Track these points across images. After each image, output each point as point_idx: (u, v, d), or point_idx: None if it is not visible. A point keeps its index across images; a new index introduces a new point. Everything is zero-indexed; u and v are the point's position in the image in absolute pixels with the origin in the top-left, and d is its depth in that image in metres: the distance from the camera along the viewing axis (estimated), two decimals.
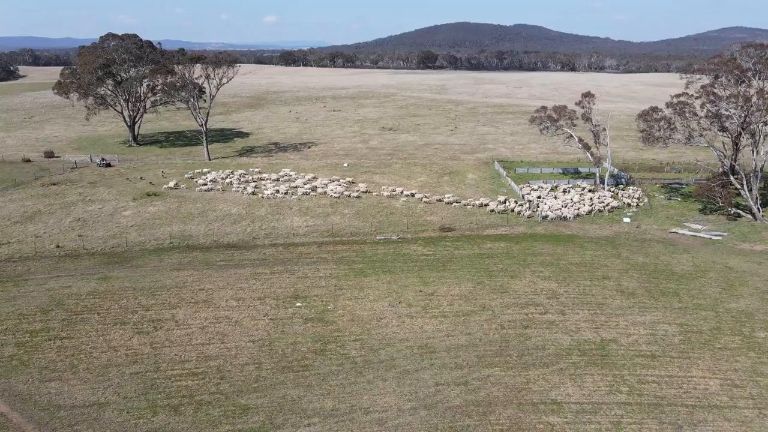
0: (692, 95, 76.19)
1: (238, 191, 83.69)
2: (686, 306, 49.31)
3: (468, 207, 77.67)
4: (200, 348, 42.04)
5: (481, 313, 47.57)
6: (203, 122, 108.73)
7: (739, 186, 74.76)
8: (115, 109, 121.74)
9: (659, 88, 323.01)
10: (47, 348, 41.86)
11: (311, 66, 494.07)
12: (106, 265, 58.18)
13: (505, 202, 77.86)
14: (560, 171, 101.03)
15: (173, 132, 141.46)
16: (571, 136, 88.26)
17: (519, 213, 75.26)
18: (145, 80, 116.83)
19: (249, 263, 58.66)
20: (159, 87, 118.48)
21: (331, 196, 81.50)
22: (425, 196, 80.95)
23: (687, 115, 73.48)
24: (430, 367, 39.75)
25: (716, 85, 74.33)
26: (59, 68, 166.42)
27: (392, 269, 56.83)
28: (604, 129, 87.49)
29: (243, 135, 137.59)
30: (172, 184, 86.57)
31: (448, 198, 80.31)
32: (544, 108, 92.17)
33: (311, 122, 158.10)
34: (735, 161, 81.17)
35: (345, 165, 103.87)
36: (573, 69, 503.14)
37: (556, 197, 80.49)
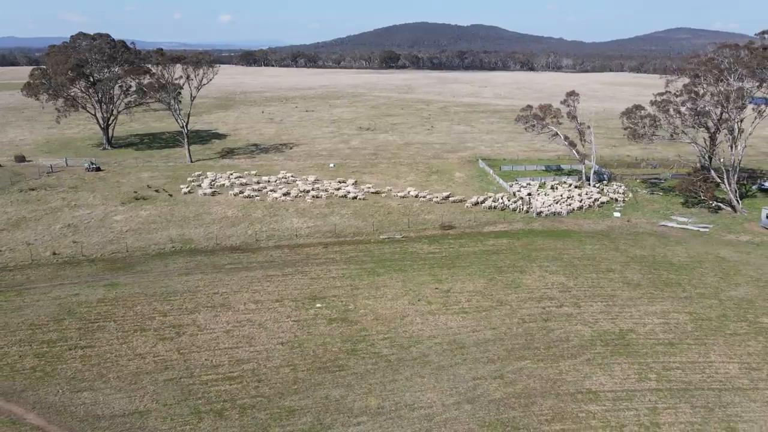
0: (674, 93, 79.37)
1: (237, 195, 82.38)
2: (691, 295, 51.59)
3: (466, 205, 78.80)
4: (229, 352, 41.57)
5: (500, 308, 48.59)
6: (184, 124, 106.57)
7: (719, 180, 78.31)
8: (88, 111, 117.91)
9: (617, 86, 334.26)
10: (69, 358, 40.61)
11: (273, 66, 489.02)
12: (109, 272, 56.65)
13: (499, 200, 79.30)
14: (543, 168, 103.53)
15: (147, 134, 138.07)
16: (557, 134, 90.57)
17: (515, 210, 76.88)
18: (121, 81, 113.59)
19: (258, 266, 58.13)
20: (135, 88, 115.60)
21: (352, 197, 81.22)
22: (435, 196, 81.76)
23: (671, 112, 76.55)
24: (464, 362, 40.46)
25: (697, 84, 77.62)
26: (3, 69, 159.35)
27: (403, 268, 57.33)
28: (589, 127, 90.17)
29: (220, 136, 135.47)
30: (185, 188, 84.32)
31: (452, 197, 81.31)
32: (529, 107, 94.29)
33: (287, 123, 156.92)
34: (711, 157, 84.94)
35: (331, 166, 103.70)
36: (532, 68, 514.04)
37: (546, 194, 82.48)
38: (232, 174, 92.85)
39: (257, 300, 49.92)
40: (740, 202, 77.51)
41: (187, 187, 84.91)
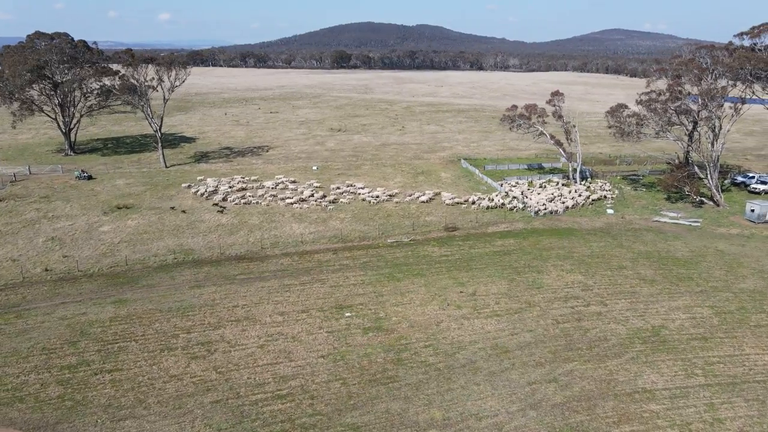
0: (657, 93, 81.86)
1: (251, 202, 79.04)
2: (705, 289, 53.12)
3: (463, 206, 78.69)
4: (270, 368, 39.62)
5: (531, 310, 48.52)
6: (158, 127, 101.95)
7: (702, 176, 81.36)
8: (48, 115, 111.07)
9: (566, 85, 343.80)
10: (98, 383, 37.66)
11: (221, 66, 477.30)
12: (112, 287, 53.16)
13: (494, 200, 79.63)
14: (525, 167, 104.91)
15: (109, 138, 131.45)
16: (543, 133, 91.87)
17: (512, 209, 77.35)
18: (85, 82, 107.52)
19: (271, 275, 55.96)
20: (99, 90, 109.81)
21: (370, 202, 79.66)
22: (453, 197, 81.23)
23: (659, 110, 78.91)
24: (513, 367, 40.05)
25: (679, 84, 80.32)
26: None
27: (421, 272, 56.51)
28: (574, 126, 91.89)
29: (188, 140, 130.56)
30: (201, 192, 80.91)
31: (451, 198, 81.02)
32: (514, 107, 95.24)
33: (254, 125, 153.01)
34: (690, 153, 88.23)
35: (314, 168, 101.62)
36: (481, 68, 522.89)
37: (538, 193, 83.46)
38: (234, 179, 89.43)
39: (282, 311, 47.95)
40: (722, 196, 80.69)
41: (199, 193, 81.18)
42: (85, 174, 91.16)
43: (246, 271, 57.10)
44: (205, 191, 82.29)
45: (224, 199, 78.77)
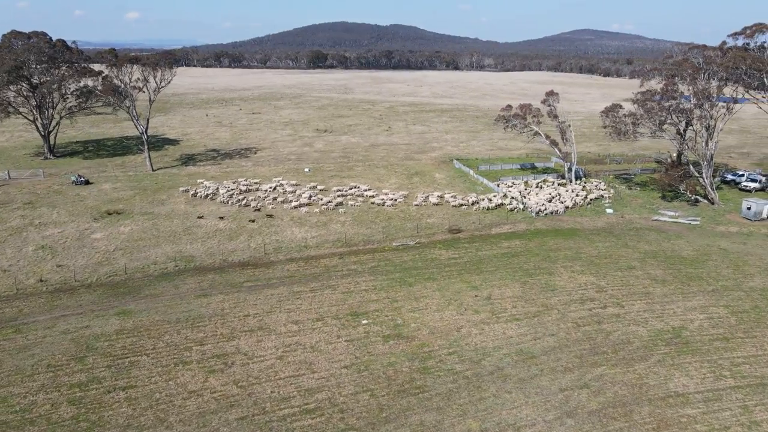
0: (651, 93, 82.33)
1: (236, 205, 76.95)
2: (716, 288, 53.24)
3: (464, 207, 77.95)
4: (294, 381, 38.09)
5: (549, 313, 47.89)
6: (144, 130, 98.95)
7: (697, 174, 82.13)
8: (27, 117, 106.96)
9: (543, 85, 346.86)
10: (113, 402, 35.64)
11: (195, 66, 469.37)
12: (113, 298, 50.86)
13: (494, 201, 79.08)
14: (518, 167, 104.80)
15: (89, 141, 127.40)
16: (538, 133, 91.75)
17: (512, 210, 76.89)
18: (66, 83, 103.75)
19: (279, 282, 54.28)
20: (79, 91, 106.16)
21: (385, 204, 78.39)
22: (454, 197, 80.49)
23: (656, 109, 79.30)
24: (542, 373, 39.27)
25: (673, 83, 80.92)
26: None
27: (432, 276, 55.48)
28: (569, 126, 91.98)
29: (172, 142, 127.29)
30: (206, 195, 78.75)
31: (455, 200, 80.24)
32: (509, 107, 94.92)
33: (238, 126, 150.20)
34: (682, 152, 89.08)
35: (306, 170, 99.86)
36: (456, 68, 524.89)
37: (537, 193, 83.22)
38: (236, 182, 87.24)
39: (296, 320, 46.39)
40: (716, 194, 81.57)
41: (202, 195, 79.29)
42: (83, 178, 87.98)
43: (252, 278, 55.28)
44: (206, 193, 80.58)
45: (258, 209, 75.89)
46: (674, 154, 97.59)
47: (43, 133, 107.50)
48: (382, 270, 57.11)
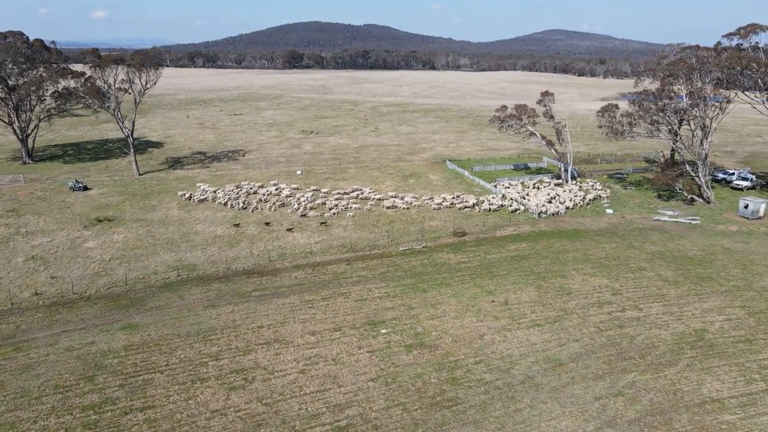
0: (650, 92, 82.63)
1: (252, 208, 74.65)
2: (729, 289, 53.24)
3: (467, 209, 77.06)
4: (320, 396, 36.48)
5: (569, 318, 47.16)
6: (130, 133, 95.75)
7: (693, 174, 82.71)
8: (3, 120, 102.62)
9: (521, 84, 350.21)
10: (131, 424, 33.56)
11: (168, 66, 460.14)
12: (116, 311, 48.42)
13: (495, 202, 78.36)
14: (512, 167, 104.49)
15: (68, 144, 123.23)
16: (533, 133, 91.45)
17: (514, 211, 76.28)
18: (46, 84, 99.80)
19: (288, 290, 52.46)
20: (59, 92, 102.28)
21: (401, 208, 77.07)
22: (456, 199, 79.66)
23: (653, 110, 79.52)
24: (573, 381, 38.42)
25: (669, 84, 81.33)
26: None
27: (444, 281, 54.33)
28: (564, 126, 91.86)
29: (155, 145, 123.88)
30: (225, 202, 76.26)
31: (454, 202, 79.20)
32: (504, 107, 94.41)
33: (222, 128, 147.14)
34: (677, 152, 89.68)
35: (298, 173, 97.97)
36: (433, 67, 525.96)
37: (536, 195, 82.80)
38: (239, 185, 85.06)
39: (313, 331, 44.74)
40: (712, 193, 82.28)
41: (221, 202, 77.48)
42: (81, 184, 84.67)
43: (260, 286, 53.33)
44: (201, 198, 78.23)
45: (304, 215, 73.62)
46: (667, 154, 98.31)
47: (20, 137, 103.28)
48: (393, 276, 55.74)
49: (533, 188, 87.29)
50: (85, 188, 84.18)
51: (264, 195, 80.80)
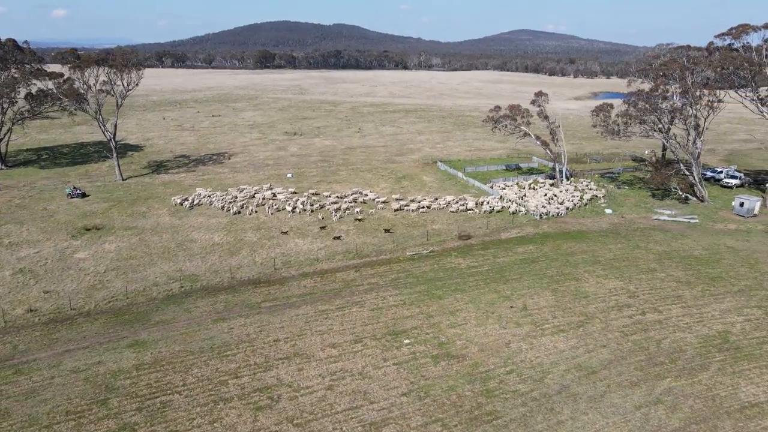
0: (644, 92, 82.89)
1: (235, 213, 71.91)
2: (741, 289, 53.30)
3: (470, 212, 75.98)
4: (353, 414, 34.74)
5: (592, 323, 46.38)
6: (112, 136, 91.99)
7: (687, 172, 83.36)
8: None
9: (496, 84, 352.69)
10: None
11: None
12: (120, 327, 45.67)
13: (494, 204, 77.51)
14: (503, 167, 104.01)
15: (41, 149, 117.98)
16: (528, 134, 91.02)
17: (514, 213, 75.55)
18: (20, 86, 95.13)
19: (299, 300, 50.41)
20: (33, 94, 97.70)
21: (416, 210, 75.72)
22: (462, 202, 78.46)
23: (648, 109, 79.80)
24: (609, 390, 37.52)
25: (662, 84, 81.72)
26: None
27: (459, 287, 53.04)
28: (559, 126, 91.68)
29: (135, 148, 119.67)
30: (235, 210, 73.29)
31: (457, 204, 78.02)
32: (497, 108, 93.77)
33: (202, 130, 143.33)
34: (668, 151, 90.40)
35: (288, 176, 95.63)
36: (405, 67, 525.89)
37: (533, 195, 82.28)
38: (240, 189, 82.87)
39: (333, 343, 42.90)
40: (706, 192, 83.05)
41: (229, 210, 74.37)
42: (79, 191, 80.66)
43: (269, 297, 51.14)
44: (193, 203, 75.18)
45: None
46: (658, 153, 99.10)
47: None
48: (405, 282, 54.19)
49: (529, 189, 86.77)
50: (83, 195, 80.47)
51: (261, 200, 78.26)
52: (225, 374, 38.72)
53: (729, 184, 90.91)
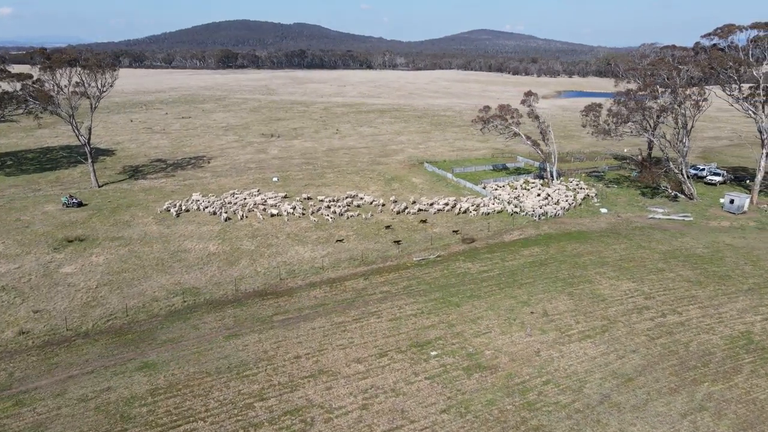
0: (633, 91, 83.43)
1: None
2: (751, 287, 53.58)
3: (471, 214, 74.74)
4: None
5: (616, 327, 45.63)
6: (87, 140, 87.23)
7: (676, 171, 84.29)
8: None
9: (463, 83, 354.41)
10: None
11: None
12: (124, 348, 42.47)
13: (490, 205, 76.58)
14: (490, 168, 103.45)
15: (3, 154, 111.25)
16: (517, 134, 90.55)
17: (512, 214, 74.78)
18: None
19: (312, 312, 48.08)
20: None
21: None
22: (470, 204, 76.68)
23: (638, 108, 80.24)
24: (651, 398, 36.65)
25: (650, 83, 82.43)
26: None
27: (474, 293, 51.65)
28: (548, 126, 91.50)
29: (106, 153, 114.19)
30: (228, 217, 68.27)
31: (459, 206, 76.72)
32: (487, 108, 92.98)
33: (174, 133, 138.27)
34: (663, 149, 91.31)
35: (274, 179, 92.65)
36: (370, 67, 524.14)
37: (527, 196, 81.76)
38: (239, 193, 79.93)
39: (357, 358, 40.84)
40: (695, 190, 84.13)
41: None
42: (75, 200, 75.58)
43: (280, 309, 48.61)
44: (178, 211, 71.51)
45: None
46: (644, 151, 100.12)
47: None
48: (418, 290, 52.46)
49: (521, 189, 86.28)
50: (80, 204, 75.74)
51: (252, 205, 75.23)
52: (249, 396, 36.20)
53: (713, 182, 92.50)
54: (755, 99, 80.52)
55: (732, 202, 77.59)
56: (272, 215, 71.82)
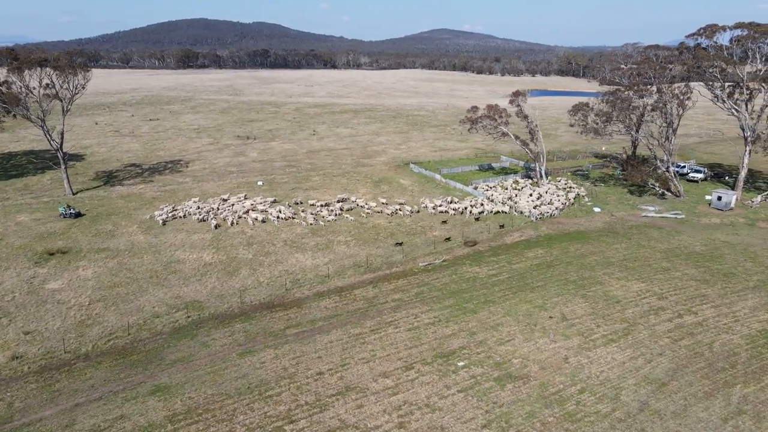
0: (621, 91, 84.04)
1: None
2: (756, 284, 54.14)
3: (466, 216, 73.65)
4: None
5: (637, 330, 45.18)
6: (59, 146, 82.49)
7: (663, 169, 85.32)
8: None
9: (430, 83, 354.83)
10: None
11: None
12: (131, 370, 39.55)
13: (486, 206, 75.79)
14: (476, 168, 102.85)
15: None
16: (506, 133, 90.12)
17: (508, 213, 74.09)
18: None
19: (326, 324, 46.02)
20: None
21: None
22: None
23: (625, 108, 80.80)
24: (688, 403, 36.13)
25: (636, 84, 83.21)
26: None
27: (488, 298, 50.51)
28: (537, 126, 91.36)
29: (76, 157, 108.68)
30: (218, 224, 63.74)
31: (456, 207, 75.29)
32: (475, 108, 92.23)
33: (144, 136, 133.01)
34: (636, 147, 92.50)
35: (259, 183, 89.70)
36: (334, 66, 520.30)
37: (520, 196, 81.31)
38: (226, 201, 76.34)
39: (384, 372, 39.07)
40: (681, 187, 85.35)
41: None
42: (72, 210, 70.66)
43: (291, 322, 46.33)
44: (164, 218, 68.06)
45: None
46: (629, 149, 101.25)
47: None
48: (430, 297, 50.98)
49: (513, 189, 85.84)
50: (78, 215, 71.12)
51: (242, 212, 72.32)
52: (277, 419, 34.01)
53: (695, 179, 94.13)
54: (737, 98, 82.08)
55: (720, 199, 78.87)
56: (263, 221, 69.11)
